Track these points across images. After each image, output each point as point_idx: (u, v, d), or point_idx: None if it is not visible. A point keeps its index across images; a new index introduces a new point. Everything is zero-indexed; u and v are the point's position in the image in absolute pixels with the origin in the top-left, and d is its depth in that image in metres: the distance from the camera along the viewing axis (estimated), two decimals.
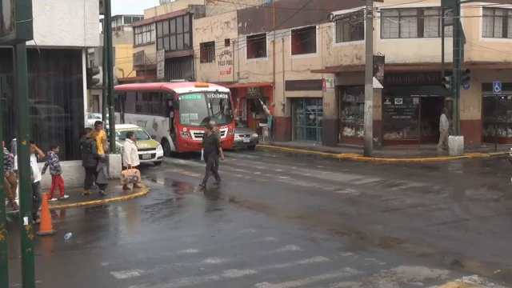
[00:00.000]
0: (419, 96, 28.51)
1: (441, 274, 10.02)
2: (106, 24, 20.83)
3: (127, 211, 16.58)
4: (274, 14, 34.21)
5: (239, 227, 13.82)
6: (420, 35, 27.88)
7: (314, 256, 11.17)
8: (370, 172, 22.11)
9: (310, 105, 33.49)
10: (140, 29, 50.82)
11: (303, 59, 32.59)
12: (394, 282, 9.61)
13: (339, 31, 30.20)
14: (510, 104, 30.05)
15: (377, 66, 26.04)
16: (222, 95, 28.72)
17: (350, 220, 14.57)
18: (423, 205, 15.92)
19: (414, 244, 12.01)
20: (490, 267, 10.23)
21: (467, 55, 26.36)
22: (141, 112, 31.55)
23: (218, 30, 39.49)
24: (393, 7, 27.18)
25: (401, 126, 29.32)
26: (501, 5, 27.59)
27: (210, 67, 40.52)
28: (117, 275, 10.24)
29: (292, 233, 13.13)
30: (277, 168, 23.85)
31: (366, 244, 12.24)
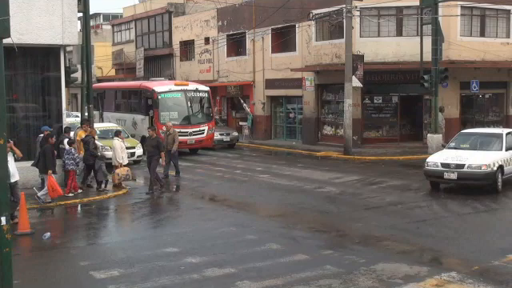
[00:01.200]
0: (398, 95, 28.71)
1: (420, 271, 10.09)
2: (84, 22, 20.67)
3: (107, 210, 16.47)
4: (253, 12, 34.19)
5: (219, 226, 13.79)
6: (399, 34, 28.03)
7: (295, 254, 11.20)
8: (350, 170, 22.21)
9: (290, 103, 33.54)
10: (119, 27, 50.50)
11: (283, 58, 32.63)
12: (374, 280, 9.67)
13: (319, 30, 30.29)
14: (488, 102, 30.36)
15: (356, 65, 26.15)
16: (202, 94, 28.65)
17: (330, 218, 14.62)
18: (402, 203, 16.03)
19: (393, 241, 12.09)
20: (469, 264, 10.34)
21: (445, 54, 26.54)
22: (120, 110, 31.37)
23: (198, 28, 39.39)
24: (372, 6, 27.30)
25: (380, 125, 29.49)
26: (478, 4, 27.83)
27: (190, 66, 40.40)
28: (96, 275, 10.17)
29: (272, 231, 13.14)
30: (257, 166, 23.86)
31: (345, 242, 12.29)
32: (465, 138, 18.52)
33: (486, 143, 17.89)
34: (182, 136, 27.12)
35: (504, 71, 29.40)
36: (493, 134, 18.78)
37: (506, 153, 17.43)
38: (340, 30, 27.65)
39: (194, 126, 27.60)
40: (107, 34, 54.58)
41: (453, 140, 18.84)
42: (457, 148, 17.95)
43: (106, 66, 50.85)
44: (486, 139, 18.17)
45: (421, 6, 25.50)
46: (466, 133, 19.44)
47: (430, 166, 17.23)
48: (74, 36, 18.26)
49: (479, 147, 17.72)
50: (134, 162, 23.99)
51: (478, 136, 18.50)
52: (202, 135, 27.79)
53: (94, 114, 22.38)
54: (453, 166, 16.63)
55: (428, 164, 17.35)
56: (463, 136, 18.87)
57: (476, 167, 16.40)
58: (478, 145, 17.87)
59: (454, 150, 17.72)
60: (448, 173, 16.68)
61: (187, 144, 27.63)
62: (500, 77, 29.48)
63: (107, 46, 51.31)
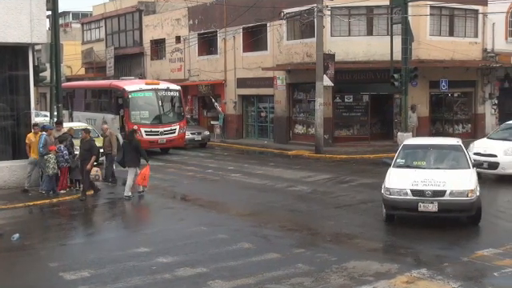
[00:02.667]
0: (369, 93, 28.91)
1: (390, 268, 10.19)
2: (53, 20, 20.42)
3: (76, 211, 16.26)
4: (225, 11, 34.15)
5: (191, 225, 13.76)
6: (369, 33, 28.24)
7: (266, 253, 11.21)
8: (321, 169, 22.31)
9: (262, 102, 33.57)
10: (89, 25, 50.01)
11: (254, 57, 32.66)
12: (345, 277, 9.74)
13: (290, 29, 30.37)
14: (457, 101, 30.76)
15: (327, 64, 26.29)
16: (173, 93, 28.52)
17: (301, 217, 14.67)
18: (373, 200, 16.08)
19: (364, 239, 12.18)
20: (438, 261, 10.46)
21: (415, 53, 26.79)
22: (90, 110, 31.07)
23: (169, 27, 39.20)
24: (343, 6, 27.43)
25: (351, 124, 29.69)
26: (447, 4, 28.17)
27: (161, 64, 40.19)
28: (66, 276, 10.07)
29: (244, 230, 13.15)
30: (229, 166, 23.83)
31: (317, 240, 12.36)
32: (415, 153, 14.37)
33: (448, 159, 14.12)
34: (153, 135, 27.11)
35: (472, 70, 29.82)
36: (451, 146, 14.62)
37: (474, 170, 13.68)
38: (311, 29, 27.75)
39: (165, 125, 27.48)
40: (77, 33, 53.97)
41: (399, 156, 14.22)
42: (411, 166, 13.73)
43: (75, 65, 50.28)
44: (445, 153, 14.34)
45: (391, 5, 25.75)
46: (414, 145, 14.92)
47: (394, 195, 12.76)
48: (43, 34, 18.04)
49: (442, 165, 13.83)
50: None
51: (432, 149, 14.42)
52: (174, 134, 27.67)
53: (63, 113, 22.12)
54: (429, 193, 12.43)
55: (390, 191, 12.83)
56: (411, 149, 14.52)
57: (461, 194, 12.45)
58: (439, 161, 14.01)
59: (412, 170, 13.47)
60: (425, 203, 12.44)
61: (158, 143, 27.53)
62: (468, 76, 29.89)
63: (77, 44, 50.76)
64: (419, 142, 16.18)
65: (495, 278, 9.71)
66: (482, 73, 30.34)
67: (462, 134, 30.26)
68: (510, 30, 31.13)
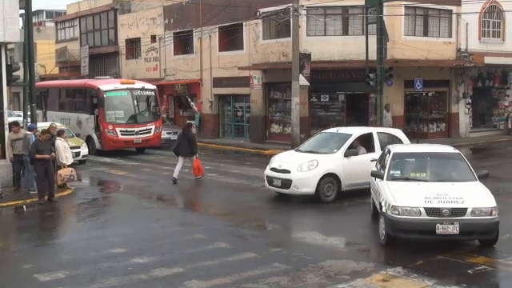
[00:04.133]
0: (344, 93, 29.07)
1: (366, 266, 10.26)
2: (26, 19, 20.17)
3: (51, 212, 16.06)
4: (200, 10, 34.06)
5: (167, 225, 13.71)
6: (345, 33, 28.39)
7: (243, 252, 11.22)
8: None
9: (238, 102, 33.57)
10: (63, 24, 49.51)
11: (230, 56, 32.62)
12: (322, 276, 9.78)
13: (266, 28, 30.40)
14: (431, 100, 31.06)
15: (303, 64, 26.36)
16: (149, 92, 28.36)
17: (278, 215, 14.70)
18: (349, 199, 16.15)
19: (340, 238, 12.24)
20: (413, 259, 10.53)
21: (390, 53, 27.01)
22: (64, 110, 30.75)
23: (144, 26, 38.99)
24: (318, 5, 27.54)
25: (327, 123, 29.64)
26: (422, 4, 28.44)
27: (136, 64, 39.95)
28: (40, 277, 9.96)
29: (221, 230, 13.13)
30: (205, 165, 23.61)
31: (293, 239, 12.38)
32: (409, 163, 12.60)
33: (450, 170, 12.31)
34: (129, 135, 26.94)
35: (446, 70, 30.16)
36: (449, 154, 12.82)
37: (482, 184, 11.80)
38: (287, 28, 27.81)
39: (140, 124, 27.31)
40: (50, 32, 53.41)
41: (392, 166, 12.26)
42: (410, 179, 11.92)
43: (49, 64, 49.77)
44: (445, 163, 12.54)
45: (366, 5, 25.89)
46: (406, 154, 12.96)
47: (405, 214, 10.72)
48: (16, 33, 17.79)
49: (445, 177, 11.98)
50: (80, 162, 23.54)
51: (429, 158, 12.56)
52: (149, 134, 27.52)
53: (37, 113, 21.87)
54: (446, 211, 10.52)
55: (399, 210, 10.79)
56: (404, 159, 12.65)
57: (484, 212, 10.63)
58: (440, 173, 12.19)
59: (414, 184, 11.65)
60: (443, 224, 10.50)
61: (134, 143, 27.39)
62: (443, 75, 30.22)
63: (50, 43, 50.27)
64: (410, 149, 13.87)
65: (469, 275, 9.82)
66: (455, 72, 30.68)
67: (436, 133, 30.66)
68: (484, 30, 31.54)
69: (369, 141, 16.45)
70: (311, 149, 16.60)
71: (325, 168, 15.38)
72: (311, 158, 15.64)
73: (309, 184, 15.25)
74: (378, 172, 12.78)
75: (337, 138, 16.70)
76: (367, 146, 16.37)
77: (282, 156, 17.00)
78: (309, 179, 15.26)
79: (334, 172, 15.49)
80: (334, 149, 16.04)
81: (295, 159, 15.97)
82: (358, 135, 16.48)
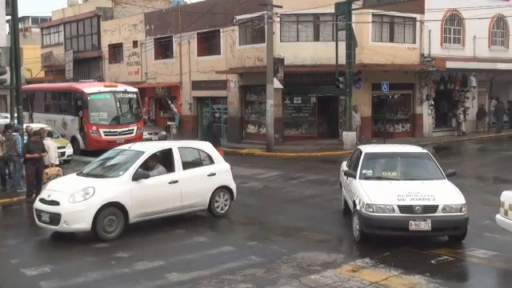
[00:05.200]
0: (316, 95, 29.20)
1: (337, 258, 10.31)
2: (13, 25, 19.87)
3: None
4: (180, 17, 33.95)
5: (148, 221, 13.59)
6: (316, 39, 28.50)
7: (221, 246, 11.20)
8: (272, 166, 22.39)
9: (216, 104, 33.50)
10: (48, 30, 48.96)
11: (208, 61, 32.54)
12: (295, 268, 9.81)
13: (242, 34, 30.39)
14: (397, 102, 31.29)
15: (277, 68, 26.42)
16: (131, 95, 28.17)
17: (253, 211, 14.68)
18: (320, 195, 16.29)
19: (312, 232, 12.27)
20: (381, 250, 10.61)
21: (358, 58, 27.13)
22: (50, 111, 30.40)
23: (126, 31, 38.72)
24: (291, 13, 27.62)
25: (300, 123, 29.90)
26: (388, 12, 28.63)
27: (119, 68, 39.67)
28: (27, 272, 9.85)
29: (199, 225, 13.09)
30: None
31: (268, 233, 12.40)
32: (380, 162, 12.35)
33: (419, 169, 12.16)
34: (112, 136, 26.74)
35: (411, 74, 30.41)
36: (418, 154, 12.67)
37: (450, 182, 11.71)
38: (262, 34, 27.83)
39: (123, 125, 27.14)
40: (36, 37, 52.75)
41: (364, 166, 12.02)
42: (382, 178, 11.79)
43: (35, 68, 49.13)
44: (415, 162, 12.39)
45: (336, 13, 26.05)
46: (377, 154, 12.75)
47: (379, 212, 10.56)
48: (3, 38, 17.59)
49: (415, 175, 11.83)
50: (65, 162, 23.27)
51: (399, 158, 12.43)
52: (131, 135, 27.30)
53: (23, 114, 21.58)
54: (418, 209, 10.43)
55: (373, 208, 10.62)
56: (375, 159, 12.41)
57: (455, 209, 10.59)
58: (410, 172, 12.02)
59: (386, 182, 11.53)
60: (416, 221, 10.39)
61: (117, 143, 26.98)
62: (407, 79, 30.45)
63: (36, 48, 49.61)
64: (381, 149, 13.62)
65: (432, 265, 9.93)
66: (419, 76, 30.95)
67: (401, 132, 30.89)
68: (445, 36, 31.90)
69: (169, 158, 13.09)
70: (96, 171, 12.90)
71: (103, 197, 11.64)
72: (87, 185, 11.85)
73: (82, 218, 11.46)
74: (350, 171, 12.34)
75: (127, 156, 13.06)
76: (167, 165, 12.99)
77: (55, 182, 13.05)
78: (82, 212, 11.45)
79: (118, 201, 11.79)
80: (121, 171, 12.45)
81: (69, 186, 12.11)
82: (153, 152, 12.95)
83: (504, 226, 10.20)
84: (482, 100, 34.83)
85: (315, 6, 26.87)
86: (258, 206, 15.37)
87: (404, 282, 9.07)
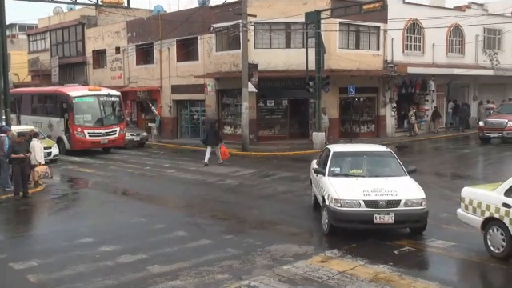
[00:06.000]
0: (287, 98, 29.25)
1: (307, 249, 10.35)
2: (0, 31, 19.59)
3: (26, 206, 15.63)
4: (160, 25, 33.76)
5: (131, 217, 13.53)
6: (288, 46, 28.57)
7: (200, 240, 11.17)
8: (247, 165, 22.41)
9: (194, 106, 33.40)
10: (34, 37, 48.31)
11: (187, 66, 32.43)
12: (269, 259, 9.83)
13: (219, 41, 30.34)
14: (362, 105, 31.52)
15: (251, 73, 26.42)
16: (114, 98, 27.97)
17: (230, 207, 14.69)
18: (292, 191, 16.34)
19: (284, 225, 12.31)
20: (348, 242, 10.68)
21: (327, 63, 27.26)
22: (36, 114, 30.02)
23: (109, 38, 38.37)
24: (264, 21, 27.66)
25: (273, 124, 29.95)
26: (354, 21, 28.82)
27: (102, 72, 39.29)
28: (15, 266, 9.70)
29: (179, 220, 13.06)
30: (165, 163, 23.59)
31: (244, 227, 12.41)
32: (348, 161, 12.36)
33: (383, 166, 12.24)
34: (96, 136, 26.56)
35: (375, 78, 30.67)
36: (382, 152, 12.74)
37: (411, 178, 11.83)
38: (237, 41, 27.83)
39: (106, 127, 26.96)
40: (23, 43, 51.99)
41: (332, 164, 12.07)
42: (349, 175, 11.79)
43: (22, 73, 48.46)
44: (379, 160, 12.48)
45: (306, 22, 26.15)
46: (344, 153, 12.76)
47: (346, 206, 10.64)
48: None
49: (379, 172, 11.94)
50: (51, 161, 23.00)
51: (365, 157, 12.59)
52: (114, 135, 27.17)
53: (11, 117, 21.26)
54: (382, 203, 10.52)
55: (341, 203, 10.68)
56: (343, 157, 12.44)
57: (415, 203, 10.69)
58: (375, 169, 12.13)
59: (353, 179, 11.55)
60: (380, 215, 10.49)
61: (100, 144, 27.00)
62: (372, 83, 30.71)
63: (23, 54, 48.98)
64: (348, 149, 13.70)
65: (395, 255, 10.03)
66: (383, 80, 31.22)
67: (366, 133, 31.15)
68: (406, 44, 32.25)
69: None
70: None
71: None
72: None
73: None
74: (319, 169, 12.39)
75: None
76: None
77: None
78: None
79: None
80: None
81: None
82: None
83: (464, 220, 10.40)
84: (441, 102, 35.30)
85: (287, 16, 26.97)
86: (234, 201, 15.36)
87: (369, 271, 9.14)
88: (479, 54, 36.18)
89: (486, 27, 35.81)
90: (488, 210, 9.67)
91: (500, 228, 9.41)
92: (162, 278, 8.91)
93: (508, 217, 9.20)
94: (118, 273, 9.23)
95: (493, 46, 37.30)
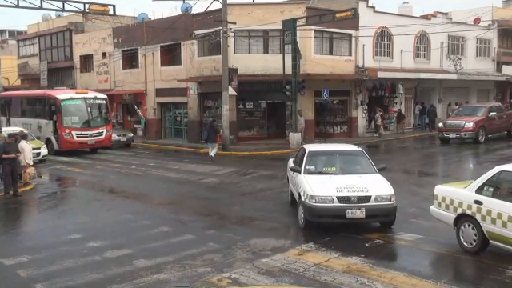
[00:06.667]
0: (266, 101, 29.32)
1: (285, 243, 10.38)
2: None
3: (16, 204, 15.40)
4: (144, 31, 33.52)
5: (118, 214, 13.43)
6: (266, 52, 28.60)
7: (183, 235, 11.14)
8: (228, 164, 22.38)
9: (177, 108, 33.23)
10: (24, 42, 47.59)
11: (170, 70, 32.26)
12: (248, 252, 9.84)
13: (200, 47, 30.24)
14: (336, 107, 31.69)
15: (231, 77, 26.40)
16: (100, 101, 27.72)
17: (211, 203, 14.65)
18: (270, 189, 16.36)
19: (263, 221, 12.32)
20: (322, 236, 10.71)
21: (303, 68, 27.38)
22: (26, 116, 29.60)
23: (96, 44, 38.00)
24: (244, 28, 27.66)
25: (252, 126, 29.96)
26: (327, 29, 28.98)
27: (89, 76, 38.88)
28: (5, 262, 9.56)
29: (164, 216, 12.99)
30: (149, 162, 23.45)
31: (225, 223, 12.39)
32: (322, 159, 12.41)
33: (355, 164, 12.30)
34: (83, 137, 26.33)
35: (347, 82, 30.85)
36: (354, 151, 12.85)
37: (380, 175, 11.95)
38: (218, 47, 27.76)
39: (93, 128, 26.71)
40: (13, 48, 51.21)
41: (308, 162, 12.15)
42: (323, 173, 11.88)
43: (12, 77, 47.74)
44: (351, 159, 12.53)
45: (283, 29, 26.20)
46: (319, 152, 12.79)
47: (320, 202, 10.70)
48: None
49: (352, 170, 12.01)
50: (40, 161, 22.72)
51: (338, 156, 12.65)
52: (101, 136, 26.93)
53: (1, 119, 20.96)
54: (354, 199, 10.60)
55: (315, 199, 10.77)
56: (318, 156, 12.47)
57: (385, 199, 10.79)
58: (348, 167, 12.16)
59: (327, 176, 11.61)
60: (352, 210, 10.57)
61: (88, 144, 26.74)
62: (345, 86, 30.88)
63: (13, 58, 48.27)
64: (322, 148, 13.67)
65: (366, 247, 10.11)
66: (355, 84, 31.42)
67: (340, 133, 31.32)
68: (376, 50, 32.50)
69: None
70: None
71: None
72: None
73: None
74: (296, 167, 12.41)
75: None
76: None
77: None
78: None
79: None
80: None
81: None
82: None
83: (437, 216, 10.39)
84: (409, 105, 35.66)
85: (264, 23, 27.00)
86: (216, 198, 15.33)
87: (343, 262, 9.20)
88: (444, 60, 36.64)
89: (450, 34, 36.27)
90: (460, 207, 9.64)
91: (472, 224, 9.40)
92: (148, 272, 8.86)
93: (480, 213, 9.20)
94: (105, 267, 9.15)
95: (456, 52, 37.80)
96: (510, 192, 8.95)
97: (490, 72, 39.98)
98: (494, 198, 9.05)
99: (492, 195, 9.11)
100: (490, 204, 9.06)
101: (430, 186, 16.31)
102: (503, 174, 9.13)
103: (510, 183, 9.03)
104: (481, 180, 9.47)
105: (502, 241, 8.83)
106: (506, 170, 9.16)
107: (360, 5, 30.21)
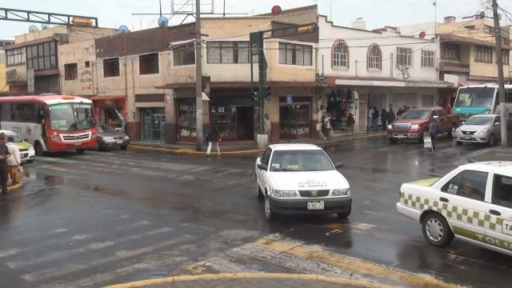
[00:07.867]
0: (236, 106, 29.29)
1: (253, 234, 10.38)
2: None
3: (4, 202, 14.96)
4: (124, 42, 33.10)
5: (100, 209, 13.20)
6: (236, 61, 28.59)
7: (161, 227, 11.02)
8: (202, 162, 22.28)
9: (155, 113, 32.92)
10: (12, 51, 46.42)
11: (149, 78, 31.94)
12: (221, 242, 9.80)
13: (176, 57, 30.03)
14: (298, 111, 31.90)
15: (205, 84, 26.30)
16: (86, 105, 27.20)
17: (187, 199, 14.55)
18: (240, 185, 16.34)
19: (234, 214, 12.29)
20: (287, 227, 10.77)
21: (269, 76, 27.47)
22: (15, 120, 28.81)
23: (80, 54, 37.34)
24: (215, 40, 27.58)
25: (223, 128, 29.83)
26: (290, 41, 29.17)
27: (74, 83, 38.16)
28: None
29: (143, 211, 12.83)
30: (130, 162, 23.14)
31: (199, 216, 12.32)
32: (286, 158, 12.44)
33: (315, 162, 12.34)
34: (70, 139, 25.88)
35: (309, 89, 31.10)
36: (314, 151, 12.95)
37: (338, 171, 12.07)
38: (192, 57, 27.62)
39: (79, 131, 26.20)
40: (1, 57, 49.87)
41: (273, 160, 12.18)
42: (287, 170, 11.90)
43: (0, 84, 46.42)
44: (311, 157, 12.60)
45: (251, 41, 26.26)
46: (284, 151, 12.77)
47: (284, 196, 10.79)
48: None
49: (312, 167, 12.07)
50: (28, 162, 22.16)
51: (300, 154, 12.71)
52: (87, 138, 26.44)
53: None
54: (314, 193, 10.71)
55: (280, 193, 10.84)
56: (282, 155, 12.49)
57: (341, 192, 10.89)
58: (308, 164, 12.21)
59: (290, 173, 11.65)
60: (313, 202, 10.69)
61: (75, 146, 26.23)
62: (306, 93, 31.12)
63: (1, 67, 46.99)
64: (286, 148, 13.46)
65: (326, 236, 10.19)
66: (315, 90, 31.70)
67: (302, 135, 31.54)
68: (334, 60, 32.87)
69: None
70: None
71: None
72: None
73: None
74: (262, 165, 12.56)
75: None
76: None
77: None
78: None
79: None
80: None
81: None
82: None
83: (404, 212, 10.20)
84: (363, 109, 36.14)
85: (234, 35, 26.98)
86: (191, 194, 15.23)
87: (305, 250, 9.25)
88: (393, 69, 37.30)
89: (398, 47, 36.94)
90: (427, 204, 9.45)
91: (438, 219, 9.23)
92: (128, 262, 8.74)
93: (446, 209, 9.02)
94: (89, 258, 8.99)
95: (404, 62, 38.52)
96: (473, 190, 8.80)
97: (434, 80, 40.91)
98: (459, 195, 8.88)
99: (457, 193, 8.93)
100: (455, 201, 8.88)
101: (381, 181, 16.61)
102: (467, 173, 8.99)
103: (472, 182, 8.88)
104: (446, 178, 9.30)
105: (468, 235, 8.67)
106: (469, 169, 9.07)
107: (319, 20, 30.52)
